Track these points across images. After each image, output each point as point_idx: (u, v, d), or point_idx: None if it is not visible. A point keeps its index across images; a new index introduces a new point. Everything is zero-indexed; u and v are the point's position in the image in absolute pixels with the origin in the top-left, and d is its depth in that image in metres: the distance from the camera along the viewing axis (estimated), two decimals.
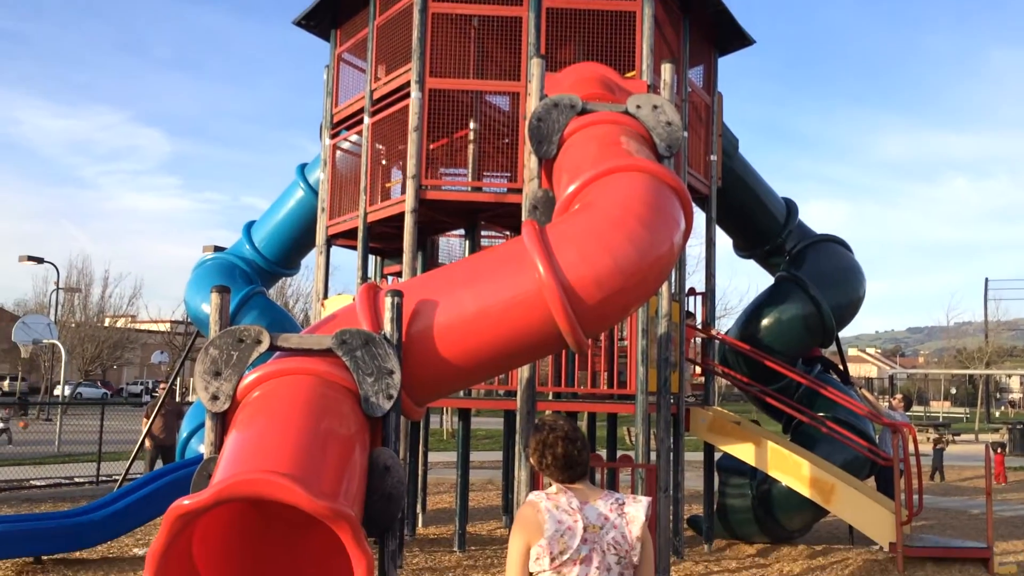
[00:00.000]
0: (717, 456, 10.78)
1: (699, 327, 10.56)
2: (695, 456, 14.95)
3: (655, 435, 8.79)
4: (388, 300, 5.61)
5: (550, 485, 3.11)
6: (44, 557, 8.15)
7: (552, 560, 2.90)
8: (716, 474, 10.64)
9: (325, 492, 4.19)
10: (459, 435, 9.96)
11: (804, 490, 9.08)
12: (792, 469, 9.14)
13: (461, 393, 9.53)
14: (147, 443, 13.14)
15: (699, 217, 10.10)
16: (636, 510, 3.00)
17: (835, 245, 11.54)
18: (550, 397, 9.27)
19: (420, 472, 10.90)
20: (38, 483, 14.15)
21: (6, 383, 47.62)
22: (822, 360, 11.42)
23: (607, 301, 5.74)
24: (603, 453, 10.99)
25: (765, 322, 10.67)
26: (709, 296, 10.58)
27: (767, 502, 9.98)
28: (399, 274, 9.95)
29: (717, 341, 10.82)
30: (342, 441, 4.93)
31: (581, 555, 2.91)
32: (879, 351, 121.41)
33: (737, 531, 10.39)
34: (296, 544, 5.50)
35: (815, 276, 10.84)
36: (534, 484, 7.47)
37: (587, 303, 5.68)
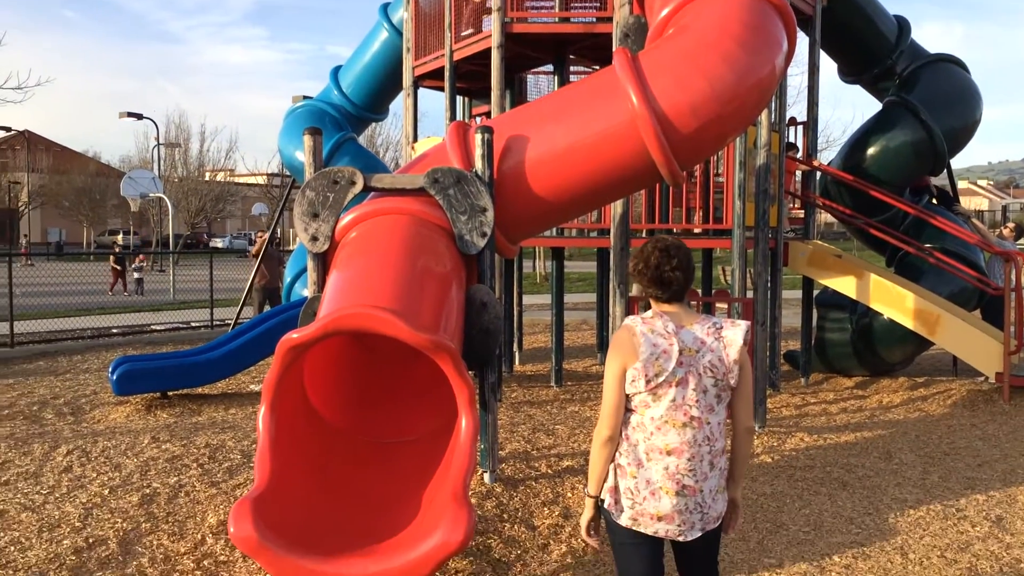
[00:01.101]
0: (816, 293, 10.60)
1: (800, 158, 10.14)
2: (792, 295, 14.77)
3: (752, 272, 8.65)
4: (479, 137, 5.53)
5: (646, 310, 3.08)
6: (169, 393, 8.77)
7: (647, 382, 2.90)
8: (815, 310, 10.49)
9: (425, 326, 4.29)
10: (553, 274, 10.02)
11: (907, 322, 8.89)
12: (895, 301, 8.92)
13: (553, 232, 9.52)
14: (253, 289, 13.75)
15: (802, 41, 9.49)
16: (734, 334, 2.95)
17: (950, 65, 10.71)
18: (643, 234, 9.16)
19: (515, 313, 11.09)
20: (158, 328, 15.06)
21: (120, 237, 50.09)
22: (931, 190, 10.89)
23: (703, 130, 5.52)
24: (698, 291, 10.93)
25: (871, 151, 10.15)
26: (811, 126, 10.08)
27: (868, 336, 9.83)
28: (487, 114, 9.78)
29: (819, 173, 10.41)
30: (439, 278, 5.01)
31: (677, 377, 2.90)
32: (991, 183, 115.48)
33: (835, 365, 10.33)
34: (399, 380, 5.73)
35: (927, 100, 10.15)
36: None
37: (682, 132, 5.48)
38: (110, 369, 8.40)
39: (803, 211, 10.40)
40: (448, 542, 3.74)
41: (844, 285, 9.21)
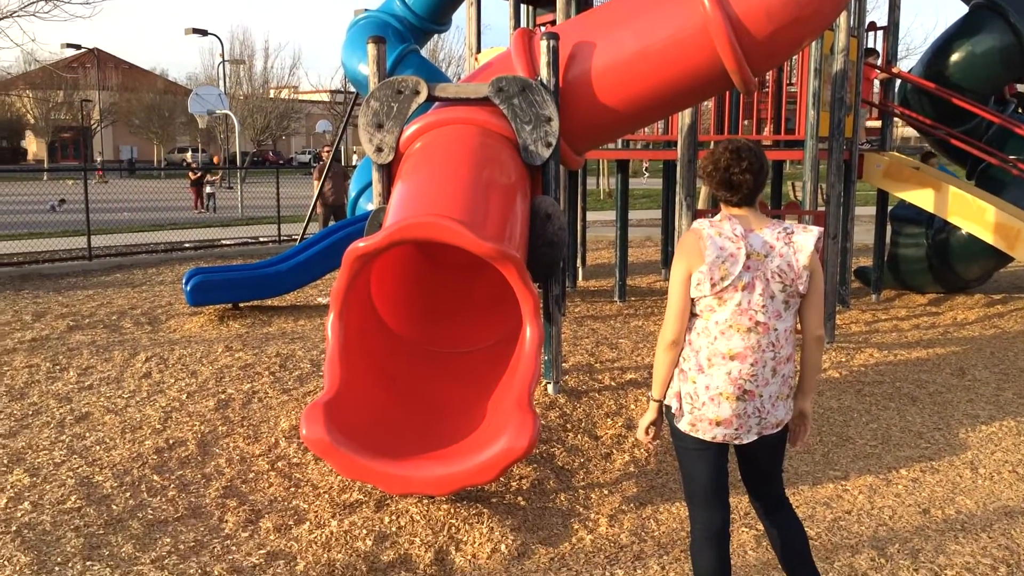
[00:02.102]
0: (891, 208, 10.26)
1: (880, 65, 9.69)
2: (863, 211, 14.34)
3: (823, 186, 8.39)
4: (544, 44, 5.40)
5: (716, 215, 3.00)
6: (240, 304, 8.99)
7: (713, 286, 2.83)
8: (889, 224, 10.18)
9: (490, 236, 4.27)
10: (618, 187, 9.87)
11: (987, 236, 8.56)
12: (975, 215, 8.58)
13: (619, 144, 9.35)
14: (319, 205, 13.90)
15: None
16: (805, 239, 2.85)
17: None
18: (711, 146, 8.94)
19: (579, 228, 11.01)
20: (227, 242, 15.39)
21: (188, 155, 50.96)
22: (1019, 98, 10.33)
23: (778, 34, 5.29)
24: (767, 204, 10.68)
25: (955, 57, 9.62)
26: (891, 31, 9.60)
27: (944, 251, 9.52)
28: (552, 23, 9.53)
29: (898, 81, 9.95)
30: (503, 189, 4.97)
31: (743, 282, 2.82)
32: None
33: (908, 282, 10.06)
34: (464, 292, 5.76)
35: (1017, 1, 9.54)
36: None
37: (756, 37, 5.26)
38: (184, 280, 8.63)
39: (880, 121, 10.00)
40: (514, 448, 3.80)
41: (921, 198, 8.88)
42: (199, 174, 25.34)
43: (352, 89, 15.82)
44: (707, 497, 2.99)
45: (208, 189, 25.15)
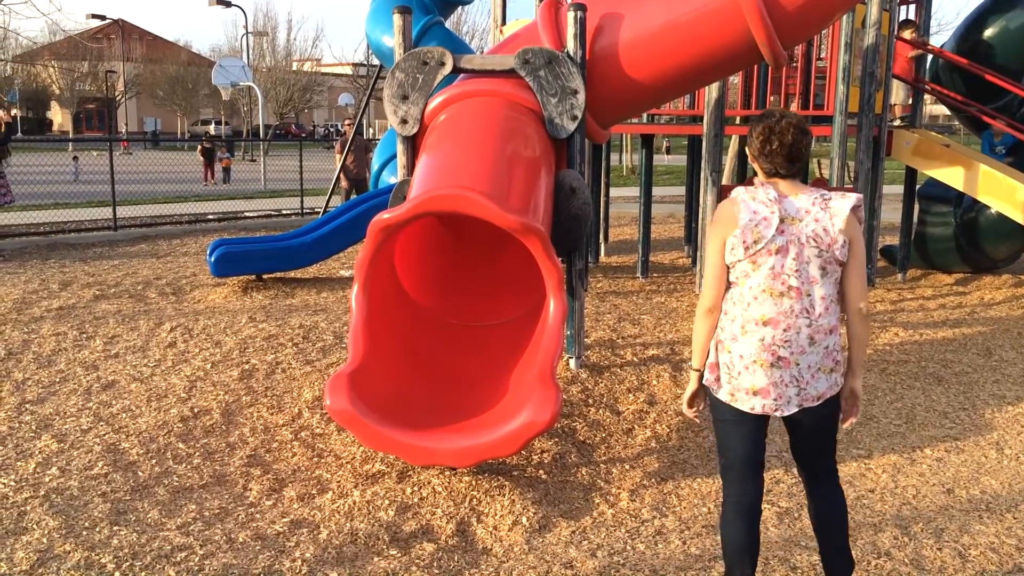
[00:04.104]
0: (919, 187, 10.12)
1: (913, 39, 9.50)
2: (890, 190, 14.16)
3: (852, 164, 8.29)
4: (571, 15, 5.34)
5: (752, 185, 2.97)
6: (264, 276, 9.04)
7: (746, 250, 2.82)
8: (916, 203, 10.04)
9: (515, 209, 4.26)
10: (642, 162, 9.80)
11: (1017, 216, 8.42)
12: (1005, 194, 8.45)
13: (644, 119, 9.27)
14: (342, 178, 13.90)
15: None
16: (841, 204, 2.81)
17: None
18: (737, 121, 8.85)
19: (602, 204, 10.95)
20: (250, 214, 15.45)
21: (212, 127, 51.10)
22: None
23: (809, 6, 5.22)
24: None
25: (989, 32, 9.43)
26: (924, 5, 9.43)
27: (972, 230, 9.39)
28: None
29: (929, 57, 9.77)
30: (528, 162, 4.94)
31: (776, 245, 2.80)
32: None
33: (935, 261, 9.93)
34: (488, 265, 5.75)
35: None
36: None
37: (787, 9, 5.19)
38: (208, 251, 8.68)
39: (911, 97, 9.84)
40: (536, 421, 3.80)
41: (951, 176, 8.75)
42: (210, 145, 25.07)
43: (375, 62, 15.76)
44: (741, 470, 2.98)
45: (221, 163, 25.06)
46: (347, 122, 16.29)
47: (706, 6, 5.23)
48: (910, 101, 9.89)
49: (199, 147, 25.72)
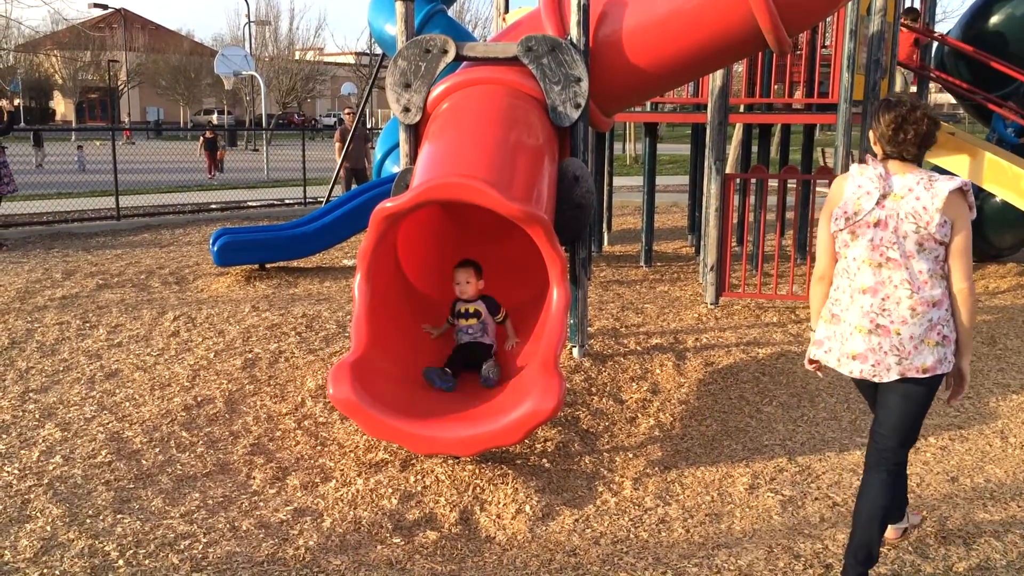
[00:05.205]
0: None
1: (918, 27, 9.45)
2: None
3: (856, 152, 8.24)
4: (574, 2, 5.31)
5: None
6: (267, 265, 9.03)
7: (847, 220, 3.03)
8: None
9: (518, 197, 4.24)
10: (646, 151, 9.77)
11: (1022, 204, 8.39)
12: (1010, 182, 8.39)
13: (648, 107, 9.23)
14: (342, 168, 13.87)
15: None
16: (944, 185, 2.92)
17: None
18: (741, 109, 8.80)
19: (604, 193, 10.92)
20: (253, 204, 15.44)
21: (214, 117, 51.03)
22: None
23: None
24: (798, 169, 10.51)
25: (995, 19, 9.37)
26: None
27: (977, 219, 9.31)
28: None
29: (934, 45, 9.72)
30: (531, 150, 4.92)
31: (875, 218, 2.98)
32: None
33: None
34: (491, 254, 5.73)
35: None
36: (725, 198, 7.30)
37: None
38: (211, 241, 8.67)
39: (916, 85, 9.79)
40: (539, 409, 3.80)
41: (955, 164, 8.70)
42: (213, 135, 23.72)
43: (378, 51, 15.70)
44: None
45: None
46: (347, 111, 16.24)
47: None
48: (913, 89, 9.85)
49: (201, 138, 24.45)
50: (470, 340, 4.77)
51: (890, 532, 3.41)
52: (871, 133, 3.08)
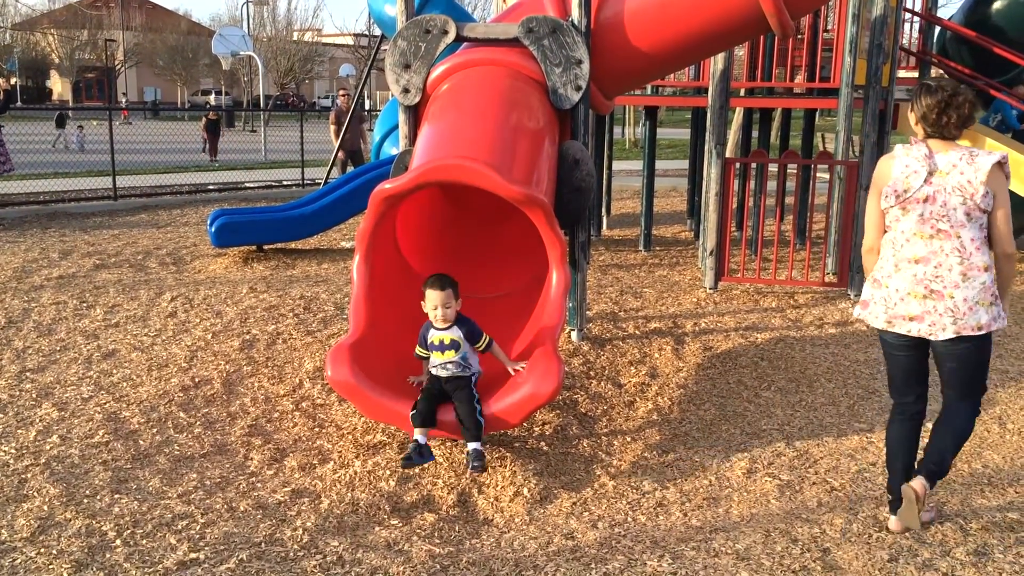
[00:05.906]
0: None
1: (921, 12, 9.39)
2: None
3: (858, 136, 8.21)
4: None
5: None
6: (265, 247, 9.00)
7: (897, 197, 3.29)
8: None
9: (518, 180, 4.22)
10: (646, 134, 9.73)
11: (1022, 191, 8.37)
12: (1012, 168, 8.37)
13: (648, 90, 9.19)
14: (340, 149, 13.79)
15: None
16: (986, 159, 3.19)
17: None
18: (742, 93, 8.76)
19: (604, 177, 10.89)
20: (251, 185, 15.38)
21: (212, 98, 50.77)
22: None
23: None
24: (798, 153, 10.47)
25: (998, 4, 9.32)
26: None
27: None
28: None
29: (937, 29, 9.67)
30: (532, 133, 4.89)
31: (924, 195, 3.24)
32: None
33: None
34: (490, 237, 5.71)
35: None
36: (725, 182, 7.27)
37: None
38: (208, 221, 8.64)
39: (918, 70, 9.75)
40: (538, 393, 3.79)
41: None
42: (217, 116, 23.05)
43: (377, 32, 15.59)
44: (901, 387, 3.55)
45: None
46: (342, 92, 16.14)
47: None
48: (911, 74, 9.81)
49: (203, 119, 23.45)
50: (449, 376, 4.01)
51: (917, 483, 3.41)
52: (910, 115, 3.33)
